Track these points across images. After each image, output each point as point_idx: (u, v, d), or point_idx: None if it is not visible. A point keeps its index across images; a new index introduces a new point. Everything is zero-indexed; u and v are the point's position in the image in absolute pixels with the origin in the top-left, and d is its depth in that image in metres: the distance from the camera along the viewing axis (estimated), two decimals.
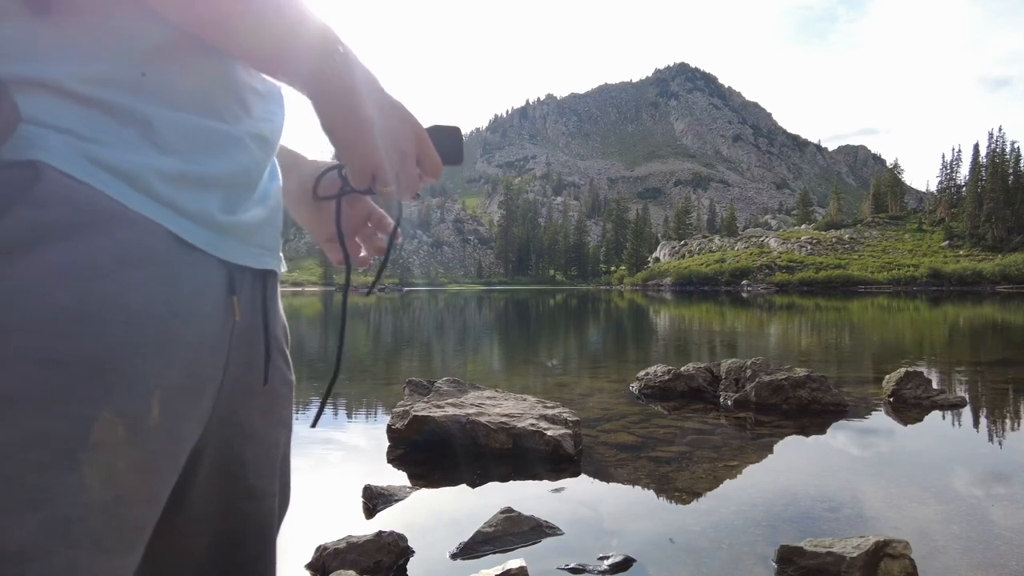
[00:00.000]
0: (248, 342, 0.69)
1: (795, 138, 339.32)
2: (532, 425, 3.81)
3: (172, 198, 0.58)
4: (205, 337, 0.61)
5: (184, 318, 0.58)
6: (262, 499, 0.73)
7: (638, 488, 3.24)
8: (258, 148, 0.68)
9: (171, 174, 0.58)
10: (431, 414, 3.92)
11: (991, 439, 4.33)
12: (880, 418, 4.81)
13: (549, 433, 3.70)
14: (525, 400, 4.41)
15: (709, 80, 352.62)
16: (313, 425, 0.87)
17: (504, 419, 3.88)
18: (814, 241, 77.73)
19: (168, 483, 0.59)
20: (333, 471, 3.71)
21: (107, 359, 0.51)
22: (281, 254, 0.79)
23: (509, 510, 2.63)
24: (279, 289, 0.80)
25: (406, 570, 2.35)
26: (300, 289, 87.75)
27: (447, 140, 0.76)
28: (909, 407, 5.05)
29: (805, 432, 4.37)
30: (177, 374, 0.57)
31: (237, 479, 0.70)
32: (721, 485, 3.26)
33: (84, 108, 0.53)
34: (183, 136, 0.59)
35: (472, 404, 4.18)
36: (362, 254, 0.84)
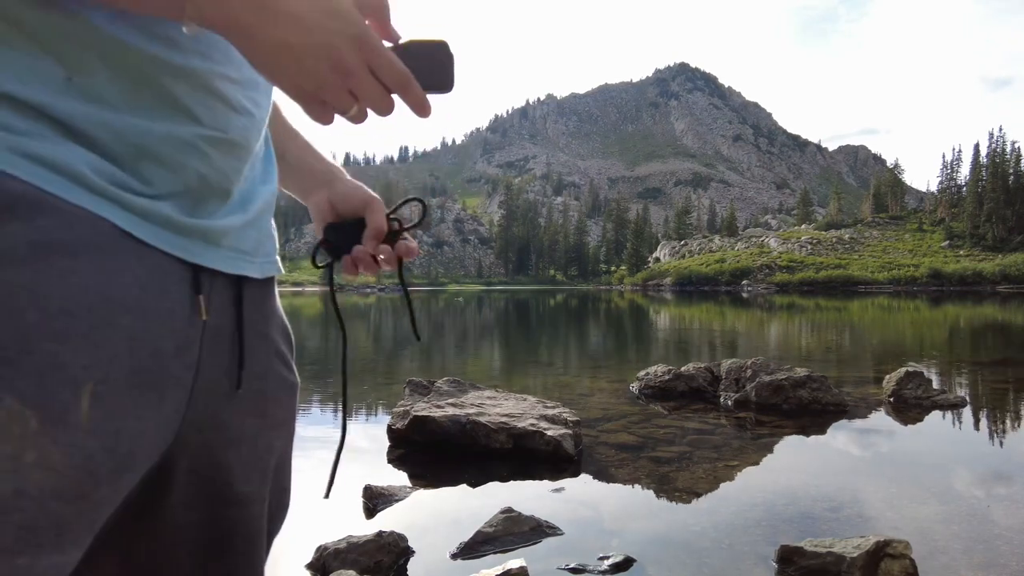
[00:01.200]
0: (226, 345, 0.67)
1: (795, 138, 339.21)
2: (532, 425, 3.81)
3: (117, 195, 0.55)
4: (163, 334, 0.58)
5: (128, 311, 0.55)
6: (249, 505, 0.70)
7: (638, 488, 3.24)
8: (221, 154, 0.64)
9: (112, 175, 0.55)
10: (431, 414, 3.92)
11: (991, 439, 4.33)
12: (880, 418, 4.80)
13: (549, 433, 3.70)
14: (525, 400, 4.41)
15: (709, 80, 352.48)
16: (326, 496, 0.84)
17: (504, 419, 3.88)
18: (814, 241, 77.75)
19: (112, 484, 0.55)
20: None
21: (13, 346, 0.48)
22: (276, 257, 0.77)
23: (509, 510, 2.63)
24: (274, 292, 0.78)
25: (406, 570, 2.35)
26: (300, 289, 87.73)
27: (429, 60, 0.59)
28: (909, 407, 5.05)
29: (805, 432, 4.38)
30: (120, 368, 0.54)
31: (221, 485, 0.67)
32: (721, 485, 3.26)
33: (6, 105, 0.51)
34: (124, 142, 0.56)
35: (472, 404, 4.18)
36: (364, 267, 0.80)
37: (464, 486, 3.30)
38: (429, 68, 0.58)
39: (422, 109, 0.58)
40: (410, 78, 0.57)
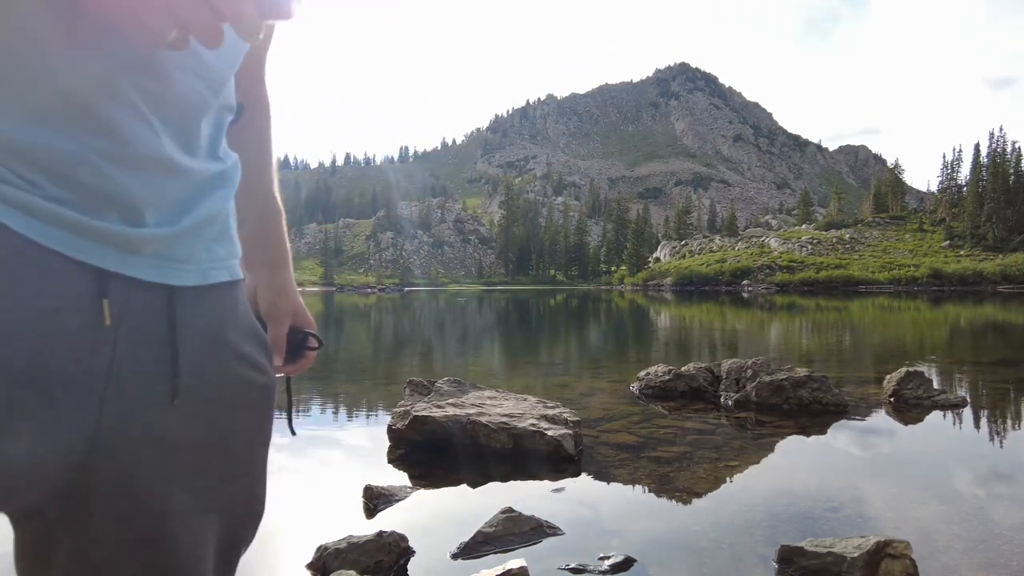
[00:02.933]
0: (156, 352, 0.64)
1: (796, 138, 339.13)
2: (533, 425, 3.81)
3: None
4: (44, 333, 0.55)
5: None
6: (189, 516, 0.67)
7: (639, 488, 3.24)
8: (121, 169, 0.58)
9: None
10: (432, 414, 3.92)
11: (992, 439, 4.33)
12: (881, 418, 4.80)
13: (550, 433, 3.70)
14: (526, 400, 4.41)
15: (710, 80, 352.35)
16: (293, 433, 0.91)
17: (505, 419, 3.89)
18: (815, 241, 77.68)
19: None
20: (334, 471, 3.71)
21: None
22: (233, 261, 0.73)
23: (510, 510, 2.63)
24: (236, 295, 0.73)
25: (407, 570, 2.35)
26: (300, 289, 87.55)
27: None
28: (910, 407, 5.05)
29: (806, 432, 4.37)
30: None
31: (157, 496, 0.64)
32: (722, 485, 3.26)
33: None
34: (8, 150, 0.53)
35: (473, 404, 4.18)
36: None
37: (464, 486, 3.30)
38: None
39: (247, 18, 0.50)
40: None
